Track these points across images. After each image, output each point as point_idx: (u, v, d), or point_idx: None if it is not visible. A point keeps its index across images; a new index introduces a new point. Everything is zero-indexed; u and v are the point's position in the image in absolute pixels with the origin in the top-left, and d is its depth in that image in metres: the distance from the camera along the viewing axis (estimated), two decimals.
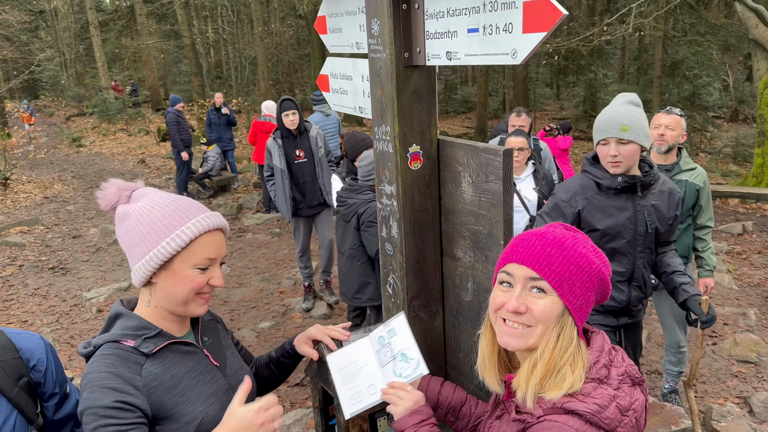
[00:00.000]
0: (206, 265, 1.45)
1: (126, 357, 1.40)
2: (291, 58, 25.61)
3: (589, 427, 1.20)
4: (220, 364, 1.58)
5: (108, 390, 1.32)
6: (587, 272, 1.29)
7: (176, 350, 1.49)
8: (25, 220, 10.67)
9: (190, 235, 1.41)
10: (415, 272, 1.86)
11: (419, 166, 1.79)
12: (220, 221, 1.50)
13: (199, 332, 1.61)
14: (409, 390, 1.57)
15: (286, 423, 4.15)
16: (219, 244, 1.48)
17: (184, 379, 1.47)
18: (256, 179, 11.75)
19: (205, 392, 1.49)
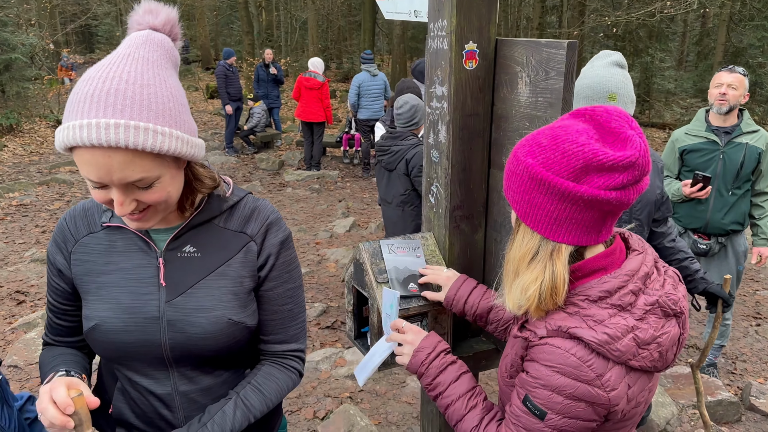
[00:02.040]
0: (93, 184, 1.09)
1: (89, 215, 1.32)
2: (341, 24, 25.45)
3: (595, 358, 1.10)
4: (169, 284, 1.26)
5: (53, 237, 1.34)
6: (516, 173, 1.15)
7: (132, 239, 1.28)
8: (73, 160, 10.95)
9: (57, 142, 1.07)
10: (460, 181, 1.80)
11: (474, 66, 1.71)
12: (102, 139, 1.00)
13: (176, 235, 1.28)
14: (405, 329, 1.56)
15: (316, 359, 4.19)
16: (104, 167, 1.04)
17: (115, 274, 1.26)
18: (299, 137, 11.78)
19: (122, 303, 1.25)
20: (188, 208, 1.29)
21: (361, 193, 9.20)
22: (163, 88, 1.09)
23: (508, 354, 1.35)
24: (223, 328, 1.26)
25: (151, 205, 1.15)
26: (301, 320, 1.45)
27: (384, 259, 1.78)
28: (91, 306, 1.27)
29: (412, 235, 1.89)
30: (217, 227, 1.31)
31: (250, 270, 1.32)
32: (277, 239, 1.35)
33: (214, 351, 1.28)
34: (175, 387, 1.31)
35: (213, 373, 1.34)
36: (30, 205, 8.26)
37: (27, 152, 11.75)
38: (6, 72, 12.62)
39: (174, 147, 1.09)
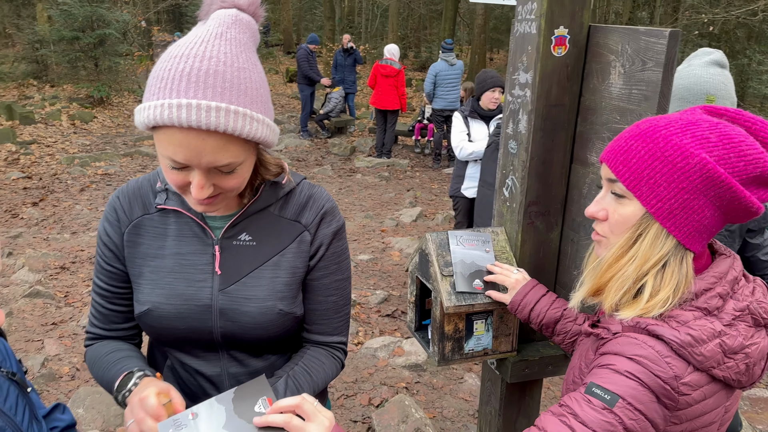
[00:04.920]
0: (175, 165, 1.04)
1: (143, 195, 1.27)
2: (423, 12, 25.27)
3: (674, 357, 1.00)
4: (223, 272, 1.23)
5: (104, 216, 1.29)
6: (678, 165, 1.00)
7: (188, 224, 1.24)
8: None
9: (145, 119, 1.01)
10: (538, 175, 1.70)
11: (563, 53, 1.60)
12: (198, 120, 0.97)
13: (232, 223, 1.24)
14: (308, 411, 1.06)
15: (374, 347, 4.17)
16: (195, 149, 1.00)
17: (170, 258, 1.23)
18: (372, 124, 11.79)
19: (175, 289, 1.22)
20: (246, 195, 1.26)
21: (430, 183, 9.11)
22: (255, 73, 1.06)
23: (575, 364, 1.25)
24: (273, 318, 1.24)
25: (221, 192, 1.12)
26: (345, 313, 1.40)
27: (451, 251, 1.71)
28: (143, 290, 1.24)
29: (482, 228, 1.81)
30: (272, 215, 1.28)
31: (303, 260, 1.29)
32: (330, 229, 1.31)
33: (263, 339, 1.27)
34: (225, 369, 1.31)
35: (261, 357, 1.33)
36: (114, 175, 8.66)
37: (114, 124, 12.34)
38: (100, 46, 13.27)
39: (264, 134, 1.07)
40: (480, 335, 1.74)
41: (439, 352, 1.72)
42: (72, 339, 4.21)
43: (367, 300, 5.01)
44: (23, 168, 8.69)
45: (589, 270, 1.20)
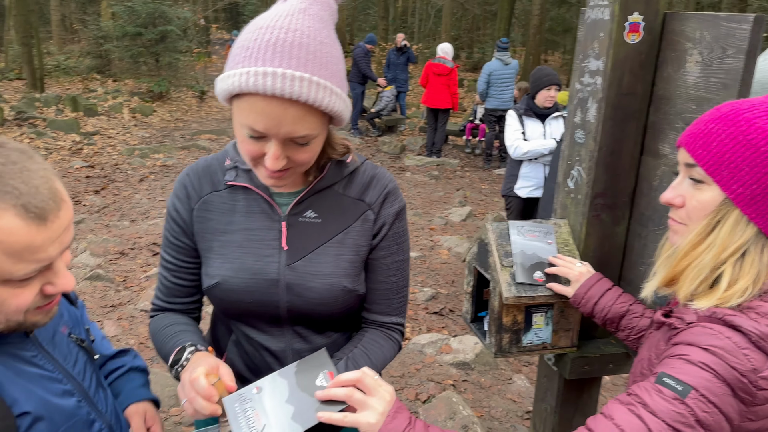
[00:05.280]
0: (254, 134, 1.05)
1: (211, 173, 1.29)
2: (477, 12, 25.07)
3: (752, 350, 0.94)
4: (290, 247, 1.25)
5: (173, 192, 1.32)
6: (762, 149, 0.96)
7: (256, 200, 1.26)
8: (215, 129, 11.73)
9: (229, 86, 1.02)
10: (606, 165, 1.65)
11: (637, 40, 1.55)
12: (283, 89, 0.98)
13: (299, 200, 1.25)
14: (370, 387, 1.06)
15: (422, 342, 4.15)
16: (276, 118, 1.01)
17: (238, 234, 1.26)
18: (422, 124, 11.76)
19: (244, 263, 1.24)
20: (312, 173, 1.27)
21: (480, 183, 9.02)
22: (335, 49, 1.09)
23: (644, 356, 1.21)
24: (338, 295, 1.26)
25: (293, 166, 1.13)
26: (404, 294, 1.40)
27: (511, 241, 1.68)
28: (212, 264, 1.27)
29: (544, 220, 1.77)
30: (337, 193, 1.29)
31: (367, 239, 1.30)
32: (393, 209, 1.32)
33: (328, 315, 1.29)
34: (290, 344, 1.32)
35: (325, 334, 1.34)
36: (171, 167, 8.92)
37: (173, 119, 12.71)
38: (161, 43, 13.71)
39: (341, 108, 1.08)
40: (539, 329, 1.70)
41: (497, 344, 1.69)
42: (129, 321, 4.35)
43: (415, 297, 4.99)
44: (86, 157, 9.05)
45: (663, 259, 1.16)
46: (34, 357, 1.02)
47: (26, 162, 0.87)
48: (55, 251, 0.90)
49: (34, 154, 0.90)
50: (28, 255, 0.86)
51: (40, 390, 0.99)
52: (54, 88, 13.88)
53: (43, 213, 0.86)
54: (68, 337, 1.13)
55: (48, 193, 0.87)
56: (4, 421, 0.92)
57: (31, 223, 0.84)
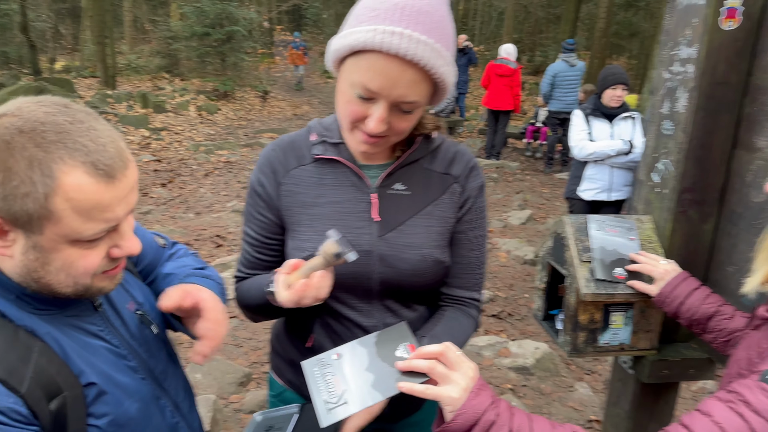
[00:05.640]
0: (365, 95, 1.06)
1: (296, 148, 1.30)
2: (540, 15, 24.65)
3: None
4: (382, 219, 1.25)
5: (258, 168, 1.31)
6: None
7: (344, 174, 1.27)
8: (276, 128, 11.96)
9: (353, 42, 1.03)
10: (696, 159, 1.56)
11: (734, 26, 1.46)
12: (408, 49, 1.00)
13: (389, 172, 1.26)
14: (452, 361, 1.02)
15: (479, 345, 4.09)
16: (392, 79, 1.03)
17: (327, 207, 1.26)
18: (482, 126, 11.62)
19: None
20: (397, 147, 1.29)
21: (541, 187, 8.83)
22: (451, 26, 1.10)
23: (741, 356, 1.13)
24: (429, 266, 1.26)
25: (390, 134, 1.14)
26: (483, 271, 1.41)
27: (590, 236, 1.61)
28: (303, 237, 1.27)
29: (626, 215, 1.69)
30: (423, 167, 1.30)
31: (454, 211, 1.31)
32: (476, 183, 1.34)
33: (418, 287, 1.28)
34: (381, 320, 1.31)
35: (412, 308, 1.34)
36: (235, 163, 9.14)
37: (237, 117, 13.04)
38: (227, 43, 14.08)
39: (449, 83, 1.10)
40: (617, 328, 1.63)
41: (571, 342, 1.63)
42: None
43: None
44: (154, 152, 9.38)
45: (765, 255, 1.09)
46: (101, 331, 1.02)
47: (92, 122, 0.87)
48: (122, 211, 0.89)
49: (99, 117, 0.90)
50: (97, 213, 0.85)
51: (105, 364, 0.99)
52: (125, 85, 14.47)
53: (112, 171, 0.85)
54: (135, 314, 1.12)
55: (115, 152, 0.86)
56: (72, 390, 0.92)
57: (100, 180, 0.84)
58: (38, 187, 0.80)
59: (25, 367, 0.86)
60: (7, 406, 0.83)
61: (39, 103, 0.85)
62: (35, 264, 0.87)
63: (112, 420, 0.97)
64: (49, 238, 0.85)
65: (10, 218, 0.82)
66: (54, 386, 0.89)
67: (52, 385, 0.89)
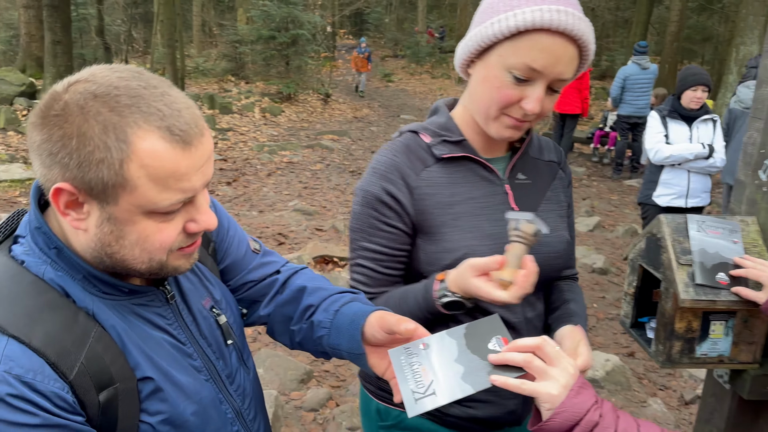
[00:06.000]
0: (525, 75, 1.08)
1: (414, 150, 1.25)
2: (606, 19, 23.97)
3: None
4: (520, 208, 1.27)
5: (379, 177, 1.22)
6: None
7: (472, 169, 1.26)
8: (337, 130, 12.06)
9: (519, 23, 1.05)
10: None
11: None
12: (573, 25, 1.05)
13: (513, 163, 1.29)
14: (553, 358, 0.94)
15: None
16: (556, 56, 1.07)
17: (465, 204, 1.23)
18: (547, 129, 11.35)
19: (484, 230, 1.23)
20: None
21: (609, 194, 8.53)
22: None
23: None
24: (565, 247, 1.32)
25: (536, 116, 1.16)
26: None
27: (690, 237, 1.49)
28: (450, 237, 1.22)
29: (729, 216, 1.56)
30: (531, 157, 1.35)
31: (565, 195, 1.38)
32: (569, 169, 1.44)
33: (556, 270, 1.33)
34: (524, 314, 1.29)
35: (541, 298, 1.35)
36: (297, 164, 9.26)
37: (299, 119, 13.23)
38: (292, 46, 14.31)
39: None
40: (717, 338, 1.49)
41: (665, 352, 1.50)
42: None
43: None
44: (220, 152, 9.61)
45: None
46: (169, 325, 0.96)
47: (166, 88, 0.82)
48: (198, 182, 0.83)
49: (172, 84, 0.85)
50: (173, 182, 0.79)
51: (166, 360, 0.93)
52: (193, 87, 14.93)
53: (188, 137, 0.79)
54: (209, 311, 1.05)
55: (191, 118, 0.81)
56: (126, 382, 0.86)
57: (176, 146, 0.78)
58: (113, 153, 0.76)
59: (78, 352, 0.82)
60: (52, 390, 0.78)
61: (112, 69, 0.81)
62: (110, 238, 0.83)
63: (166, 419, 0.91)
64: (124, 209, 0.80)
65: (84, 188, 0.78)
66: (106, 376, 0.84)
67: (104, 375, 0.84)
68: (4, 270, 0.84)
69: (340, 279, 4.62)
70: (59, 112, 0.77)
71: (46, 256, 0.86)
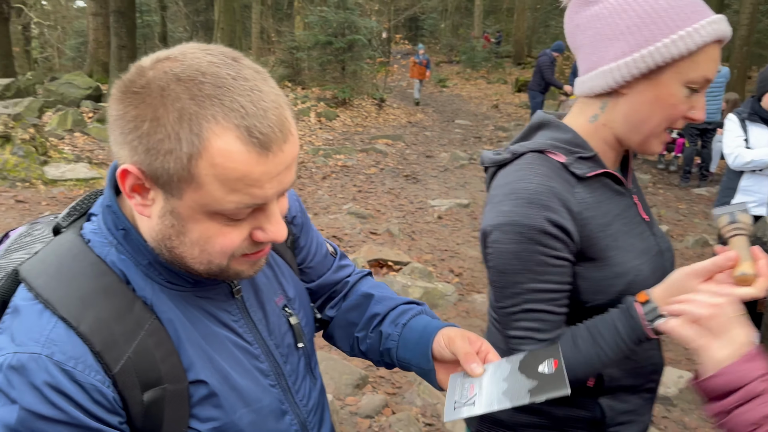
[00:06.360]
0: (700, 87, 1.06)
1: (556, 172, 1.11)
2: None
3: None
4: (649, 219, 1.23)
5: (539, 207, 1.05)
6: None
7: (606, 185, 1.17)
8: (391, 135, 12.02)
9: (703, 38, 1.01)
10: None
11: None
12: (728, 31, 1.06)
13: (630, 173, 1.25)
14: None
15: None
16: (717, 63, 1.08)
17: (616, 222, 1.15)
18: None
19: (637, 246, 1.15)
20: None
21: (677, 203, 8.13)
22: None
23: None
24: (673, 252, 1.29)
25: None
26: None
27: None
28: (619, 259, 1.12)
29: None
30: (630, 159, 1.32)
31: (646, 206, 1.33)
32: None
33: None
34: None
35: None
36: (351, 167, 9.25)
37: (354, 123, 13.27)
38: (348, 51, 14.38)
39: None
40: None
41: None
42: None
43: None
44: None
45: None
46: (235, 321, 0.88)
47: (259, 81, 0.74)
48: (271, 190, 0.75)
49: (268, 77, 0.77)
50: (243, 186, 0.72)
51: (228, 361, 0.85)
52: None
53: (267, 141, 0.71)
54: (282, 310, 0.97)
55: (276, 120, 0.72)
56: (175, 384, 0.79)
57: (251, 150, 0.71)
58: (183, 146, 0.69)
59: (127, 344, 0.75)
60: (91, 383, 0.71)
61: (206, 50, 0.74)
62: (170, 231, 0.77)
63: (219, 427, 0.83)
64: (187, 205, 0.74)
65: (151, 175, 0.72)
66: (154, 374, 0.77)
67: (152, 373, 0.77)
68: (69, 248, 0.80)
69: (395, 283, 4.53)
70: (139, 89, 0.71)
71: (113, 237, 0.81)
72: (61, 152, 7.64)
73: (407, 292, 4.43)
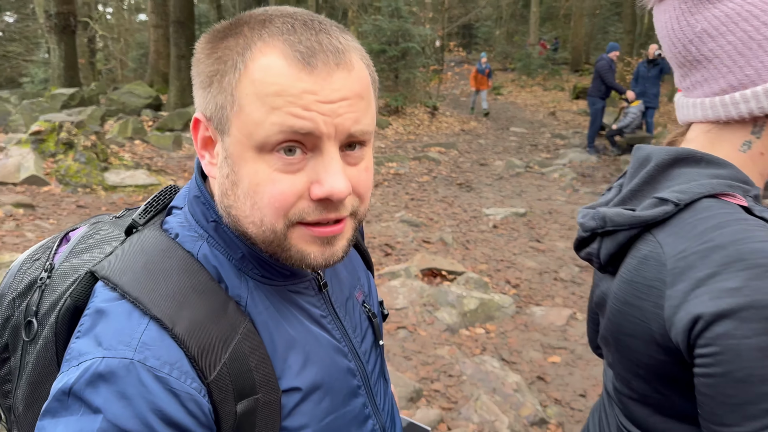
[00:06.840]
0: None
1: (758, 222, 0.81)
2: None
3: None
4: None
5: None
6: None
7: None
8: (444, 143, 11.86)
9: None
10: None
11: None
12: None
13: None
14: None
15: None
16: None
17: None
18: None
19: None
20: None
21: None
22: None
23: None
24: None
25: None
26: None
27: None
28: None
29: None
30: None
31: None
32: None
33: None
34: None
35: None
36: (403, 175, 9.12)
37: (406, 131, 13.17)
38: (402, 59, 14.32)
39: None
40: None
41: None
42: None
43: None
44: None
45: None
46: (324, 318, 0.79)
47: (335, 29, 0.69)
48: (321, 118, 0.64)
49: (348, 34, 0.72)
50: (283, 104, 0.63)
51: (323, 362, 0.76)
52: None
53: (312, 56, 0.64)
54: (362, 306, 0.89)
55: (331, 46, 0.65)
56: (269, 394, 0.69)
57: (292, 63, 0.64)
58: (233, 71, 0.66)
59: (223, 349, 0.66)
60: (185, 391, 0.62)
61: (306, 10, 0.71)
62: (227, 184, 0.69)
63: None
64: (235, 139, 0.67)
65: (210, 115, 0.69)
66: (249, 383, 0.68)
67: (247, 381, 0.67)
68: (155, 244, 0.72)
69: (449, 293, 4.36)
70: (222, 29, 0.70)
71: (203, 230, 0.74)
72: (121, 159, 7.83)
73: (462, 302, 4.25)
